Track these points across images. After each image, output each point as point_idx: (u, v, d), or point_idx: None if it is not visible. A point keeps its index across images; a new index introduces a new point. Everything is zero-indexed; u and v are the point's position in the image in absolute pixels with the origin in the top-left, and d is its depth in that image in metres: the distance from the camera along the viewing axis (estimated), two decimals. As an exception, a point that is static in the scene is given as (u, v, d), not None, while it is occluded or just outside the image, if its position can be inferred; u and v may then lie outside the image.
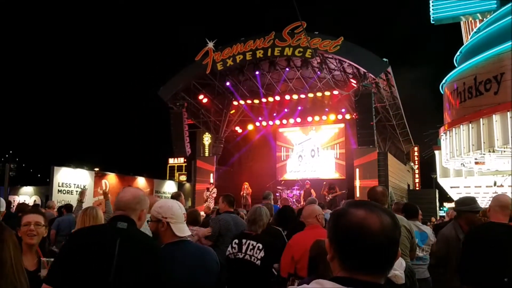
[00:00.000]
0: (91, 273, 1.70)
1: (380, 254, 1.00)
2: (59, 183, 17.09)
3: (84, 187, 15.18)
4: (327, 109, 16.72)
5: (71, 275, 1.74)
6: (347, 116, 16.55)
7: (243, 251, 3.30)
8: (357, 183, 14.42)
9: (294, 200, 14.32)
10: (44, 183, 20.17)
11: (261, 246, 3.27)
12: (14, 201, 16.39)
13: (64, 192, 17.18)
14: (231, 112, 18.20)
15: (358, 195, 13.86)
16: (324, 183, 13.89)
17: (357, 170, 14.55)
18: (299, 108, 17.09)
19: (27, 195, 19.30)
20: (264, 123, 18.20)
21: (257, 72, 15.46)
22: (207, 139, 21.69)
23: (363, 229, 1.00)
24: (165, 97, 16.39)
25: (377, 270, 1.01)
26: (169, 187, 23.02)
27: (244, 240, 3.37)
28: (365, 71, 13.56)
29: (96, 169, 19.80)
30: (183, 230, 2.19)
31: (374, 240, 1.00)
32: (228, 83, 16.30)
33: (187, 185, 23.47)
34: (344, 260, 1.03)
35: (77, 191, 17.43)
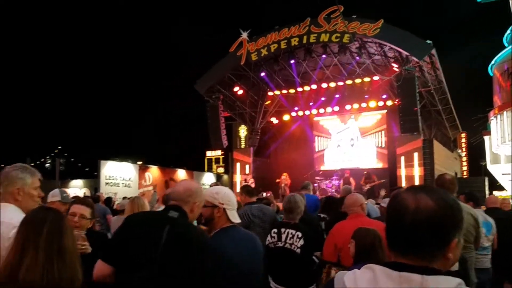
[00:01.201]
0: (139, 256, 1.74)
1: (412, 234, 0.97)
2: (106, 176, 17.53)
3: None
4: (367, 96, 15.95)
5: (122, 255, 1.81)
6: (389, 103, 15.71)
7: (283, 240, 3.31)
8: (402, 172, 13.60)
9: (333, 190, 13.83)
10: (92, 176, 20.82)
11: (300, 234, 3.28)
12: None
13: (111, 184, 17.61)
14: (267, 103, 17.91)
15: (403, 184, 13.02)
16: (365, 172, 13.21)
17: (401, 158, 13.70)
18: (337, 96, 16.45)
19: (77, 187, 20.01)
20: (300, 113, 17.72)
21: (292, 61, 14.98)
22: (243, 131, 21.51)
23: (398, 210, 1.00)
24: (201, 90, 16.32)
25: (413, 251, 0.98)
26: (208, 179, 23.12)
27: (283, 229, 3.38)
28: (407, 54, 12.69)
29: (140, 162, 20.14)
30: (236, 217, 2.23)
31: (406, 221, 0.98)
32: (263, 74, 15.93)
33: (225, 177, 23.46)
34: (389, 244, 1.04)
35: (123, 183, 17.86)
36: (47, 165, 19.70)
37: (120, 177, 18.13)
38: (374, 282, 0.97)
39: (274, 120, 18.52)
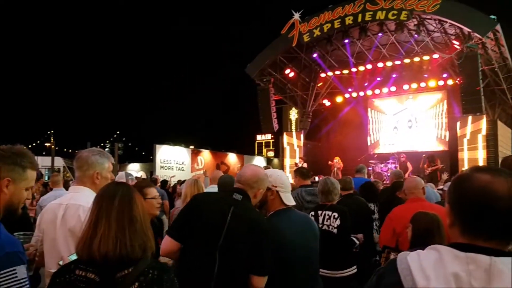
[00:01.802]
0: (204, 234, 1.85)
1: (505, 220, 0.98)
2: (161, 160, 18.76)
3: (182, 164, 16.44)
4: (426, 75, 15.55)
5: (189, 233, 1.95)
6: (450, 82, 15.23)
7: (320, 222, 3.38)
8: (465, 154, 13.32)
9: (388, 174, 13.81)
10: (148, 160, 22.28)
11: (336, 214, 3.36)
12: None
13: (165, 168, 18.84)
14: (319, 85, 17.93)
15: (465, 167, 12.79)
16: (424, 155, 13.08)
17: (463, 140, 13.40)
18: (394, 75, 16.15)
19: (134, 171, 21.53)
20: (354, 94, 17.62)
21: (346, 41, 14.90)
22: (293, 114, 21.73)
23: (489, 193, 0.99)
24: (252, 74, 16.68)
25: (501, 236, 0.99)
26: (258, 162, 23.78)
27: (320, 212, 3.47)
28: (469, 31, 12.23)
29: (192, 146, 21.24)
30: (290, 199, 2.26)
31: (499, 205, 0.98)
32: (315, 55, 16.00)
33: (275, 160, 23.99)
34: (465, 226, 1.02)
35: (176, 167, 19.04)
36: (106, 149, 21.37)
37: (174, 160, 19.31)
38: (440, 262, 0.98)
39: (327, 103, 18.55)
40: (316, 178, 13.84)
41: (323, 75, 17.43)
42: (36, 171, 1.59)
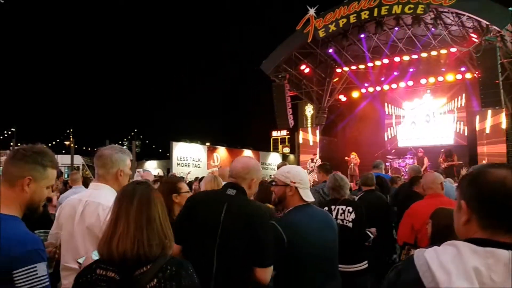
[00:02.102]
0: (200, 235, 1.89)
1: None
2: (177, 157, 19.26)
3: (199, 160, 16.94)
4: (443, 69, 15.61)
5: (187, 234, 1.99)
6: (468, 75, 15.27)
7: (334, 216, 3.40)
8: (484, 149, 13.39)
9: (406, 169, 13.95)
10: (165, 157, 22.84)
11: (351, 208, 3.41)
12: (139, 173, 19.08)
13: (182, 165, 19.33)
14: (334, 80, 18.11)
15: (485, 162, 12.88)
16: (442, 150, 13.21)
17: (482, 135, 13.48)
18: (411, 70, 16.25)
19: (151, 168, 22.09)
20: (370, 89, 17.76)
21: (362, 35, 15.07)
22: (309, 110, 21.90)
23: (507, 186, 1.02)
24: (267, 70, 16.95)
25: None
26: (274, 159, 24.09)
27: (333, 206, 3.50)
28: (487, 23, 12.27)
29: (208, 143, 21.67)
30: (309, 196, 2.30)
31: None
32: (330, 50, 16.22)
33: (291, 156, 24.26)
34: (483, 221, 1.04)
35: (193, 164, 19.51)
36: (124, 147, 22.04)
37: (190, 157, 19.79)
38: (459, 257, 0.98)
39: (342, 98, 18.71)
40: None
41: (339, 70, 17.61)
42: (57, 170, 1.63)
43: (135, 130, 27.69)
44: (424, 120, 17.09)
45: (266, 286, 2.06)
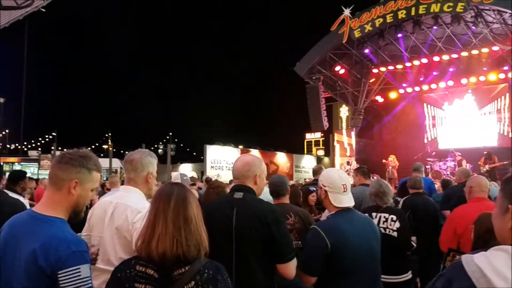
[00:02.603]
0: (218, 241, 1.83)
1: None
2: (211, 160, 19.98)
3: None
4: (485, 68, 15.47)
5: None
6: (511, 75, 15.05)
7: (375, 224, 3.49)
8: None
9: (448, 172, 13.92)
10: (199, 160, 23.66)
11: (395, 217, 3.32)
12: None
13: (216, 168, 20.03)
14: (371, 81, 18.22)
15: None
16: (485, 152, 13.14)
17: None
18: (451, 69, 16.17)
19: (185, 171, 22.93)
20: (409, 90, 17.78)
21: (399, 35, 15.21)
22: (344, 111, 22.11)
23: None
24: (301, 72, 17.29)
25: None
26: (308, 161, 24.44)
27: (374, 214, 3.40)
28: (531, 20, 12.15)
29: (241, 146, 22.30)
30: (340, 201, 2.28)
31: None
32: (367, 50, 16.41)
33: (326, 159, 24.51)
34: None
35: (226, 167, 20.15)
36: (159, 150, 23.01)
37: (224, 160, 20.46)
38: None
39: (379, 99, 18.76)
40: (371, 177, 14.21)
41: (375, 70, 17.73)
42: (100, 173, 1.71)
43: (170, 133, 28.95)
44: (465, 121, 16.93)
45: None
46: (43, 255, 1.38)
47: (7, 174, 4.89)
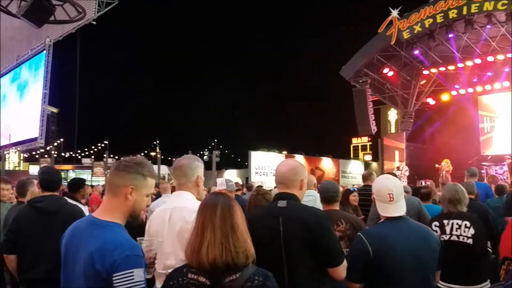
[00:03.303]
0: (266, 251, 1.87)
1: None
2: (255, 166, 20.76)
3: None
4: (544, 68, 15.27)
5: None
6: None
7: (448, 232, 3.28)
8: None
9: (504, 177, 13.84)
10: (243, 166, 24.58)
11: (468, 223, 3.25)
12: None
13: (260, 174, 20.77)
14: (421, 83, 18.35)
15: None
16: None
17: None
18: (507, 69, 16.07)
19: (230, 177, 23.83)
20: (462, 91, 17.79)
21: (450, 35, 15.35)
22: (392, 115, 22.24)
23: None
24: (347, 76, 17.73)
25: None
26: (355, 167, 24.66)
27: (445, 221, 3.34)
28: None
29: (285, 152, 22.97)
30: (386, 210, 2.29)
31: None
32: (416, 52, 16.61)
33: (374, 164, 24.63)
34: None
35: (271, 172, 20.84)
36: (205, 157, 24.17)
37: (268, 166, 21.17)
38: None
39: (431, 101, 18.83)
40: (423, 183, 14.31)
41: (426, 72, 17.87)
42: (155, 179, 1.80)
43: (215, 140, 30.32)
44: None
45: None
46: (99, 258, 1.48)
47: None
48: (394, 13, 15.99)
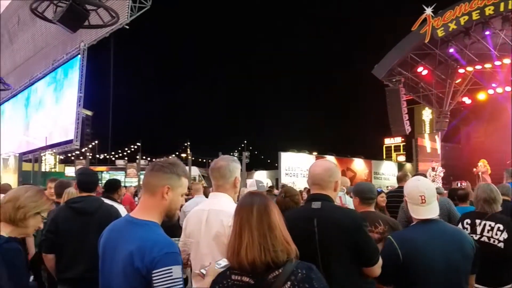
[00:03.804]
0: (302, 254, 1.84)
1: None
2: (285, 167, 21.11)
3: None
4: None
5: None
6: None
7: (478, 232, 3.28)
8: None
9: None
10: (273, 168, 25.02)
11: (501, 226, 3.24)
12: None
13: (290, 175, 21.10)
14: (457, 81, 18.30)
15: None
16: None
17: None
18: (547, 67, 15.91)
19: (260, 179, 24.26)
20: (499, 90, 17.68)
21: (487, 32, 15.35)
22: (426, 114, 22.10)
23: None
24: (379, 75, 17.91)
25: None
26: (388, 168, 24.66)
27: (478, 221, 3.34)
28: None
29: (315, 153, 23.22)
30: (417, 212, 2.30)
31: None
32: (451, 50, 16.67)
33: (408, 165, 24.55)
34: None
35: (301, 174, 21.16)
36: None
37: (298, 167, 21.47)
38: None
39: (467, 100, 18.77)
40: (459, 184, 14.30)
41: (461, 70, 17.83)
42: (188, 179, 1.88)
43: (245, 141, 30.96)
44: None
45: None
46: (139, 256, 1.53)
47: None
48: (428, 11, 16.09)
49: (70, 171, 24.41)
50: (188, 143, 36.97)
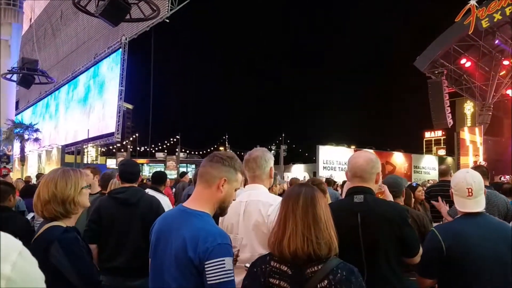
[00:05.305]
0: (345, 250, 1.84)
1: None
2: (323, 160, 21.79)
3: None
4: None
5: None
6: None
7: None
8: None
9: None
10: (311, 161, 25.75)
11: None
12: (288, 177, 22.15)
13: (328, 168, 21.77)
14: (501, 73, 18.60)
15: None
16: None
17: None
18: None
19: (298, 172, 25.05)
20: (545, 82, 17.78)
21: (533, 23, 15.58)
22: (468, 107, 22.29)
23: None
24: (421, 67, 18.34)
25: None
26: (428, 161, 24.92)
27: None
28: None
29: (353, 146, 23.81)
30: (464, 205, 2.32)
31: None
32: (497, 41, 16.99)
33: (449, 159, 24.74)
34: None
35: (339, 167, 21.81)
36: (272, 151, 25.76)
37: (336, 161, 22.12)
38: None
39: (511, 93, 19.11)
40: (501, 178, 14.58)
41: (506, 62, 18.16)
42: (243, 175, 1.89)
43: (283, 134, 31.90)
44: None
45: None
46: (192, 246, 1.56)
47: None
48: (472, 1, 16.39)
49: (111, 163, 25.81)
50: (227, 136, 38.41)
